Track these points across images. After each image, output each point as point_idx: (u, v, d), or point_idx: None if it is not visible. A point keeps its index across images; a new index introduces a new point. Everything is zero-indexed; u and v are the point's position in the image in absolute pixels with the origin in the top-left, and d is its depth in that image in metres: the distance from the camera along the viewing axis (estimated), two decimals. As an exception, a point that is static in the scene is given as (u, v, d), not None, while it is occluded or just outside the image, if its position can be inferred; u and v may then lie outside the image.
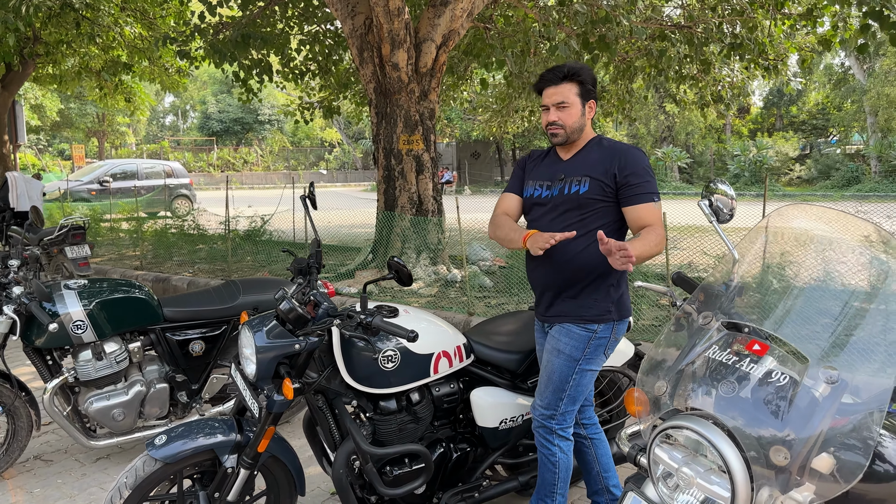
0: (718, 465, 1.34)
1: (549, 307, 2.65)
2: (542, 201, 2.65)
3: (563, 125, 2.56)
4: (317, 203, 2.82)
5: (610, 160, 2.52)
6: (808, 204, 1.59)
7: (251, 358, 2.48)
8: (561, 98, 2.54)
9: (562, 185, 2.58)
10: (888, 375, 1.38)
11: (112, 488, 2.46)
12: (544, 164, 2.74)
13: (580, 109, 2.57)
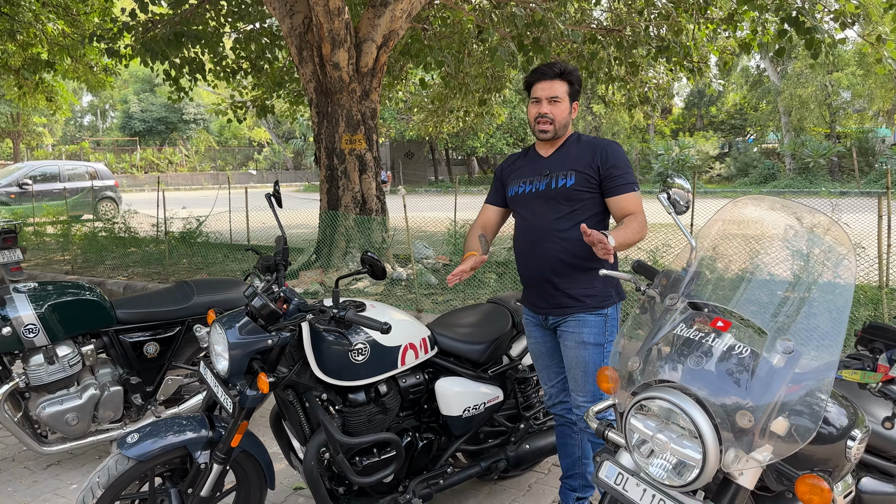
0: (690, 431, 1.49)
1: (550, 300, 2.72)
2: (530, 195, 2.76)
3: (554, 119, 2.67)
4: (282, 201, 2.87)
5: (592, 154, 2.66)
6: (762, 196, 1.77)
7: (223, 354, 2.52)
8: (554, 93, 2.66)
9: (548, 180, 2.70)
10: (833, 349, 1.55)
11: (84, 488, 2.45)
12: (525, 163, 2.85)
13: (568, 106, 2.70)
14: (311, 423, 2.76)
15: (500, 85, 13.22)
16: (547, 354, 2.88)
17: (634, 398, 1.60)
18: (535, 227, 2.72)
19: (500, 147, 33.04)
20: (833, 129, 33.84)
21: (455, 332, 3.09)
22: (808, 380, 1.49)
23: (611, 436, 1.87)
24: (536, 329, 2.88)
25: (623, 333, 1.80)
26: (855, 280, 1.55)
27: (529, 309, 2.87)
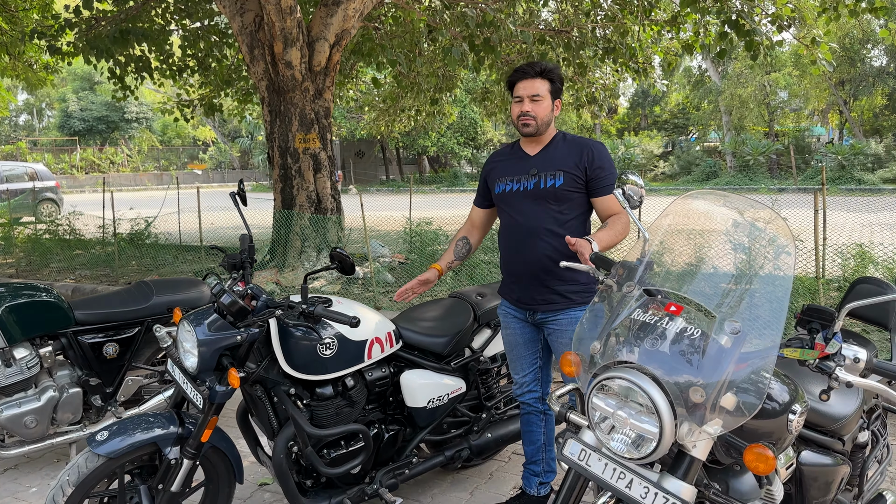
0: (647, 407, 1.61)
1: (537, 296, 2.81)
2: (518, 194, 2.82)
3: (535, 116, 2.74)
4: (247, 199, 2.91)
5: (578, 154, 2.75)
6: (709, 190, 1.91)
7: (192, 351, 2.55)
8: (535, 91, 2.72)
9: (536, 180, 2.77)
10: (775, 332, 1.70)
11: (54, 486, 2.46)
12: (511, 160, 2.92)
13: (550, 104, 2.77)
14: (279, 417, 2.81)
15: (452, 84, 13.36)
16: (523, 346, 2.96)
17: (596, 379, 1.72)
18: (524, 225, 2.80)
19: (450, 146, 33.18)
20: (771, 127, 35.04)
21: (419, 326, 3.18)
22: (753, 359, 1.63)
23: (572, 417, 1.99)
24: (514, 321, 2.96)
25: (584, 320, 1.92)
26: (794, 269, 1.70)
27: (513, 304, 2.94)
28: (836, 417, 2.24)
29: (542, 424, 3.01)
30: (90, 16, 9.50)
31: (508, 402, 3.54)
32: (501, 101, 13.98)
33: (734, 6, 8.45)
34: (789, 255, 1.72)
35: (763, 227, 1.83)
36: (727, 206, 1.90)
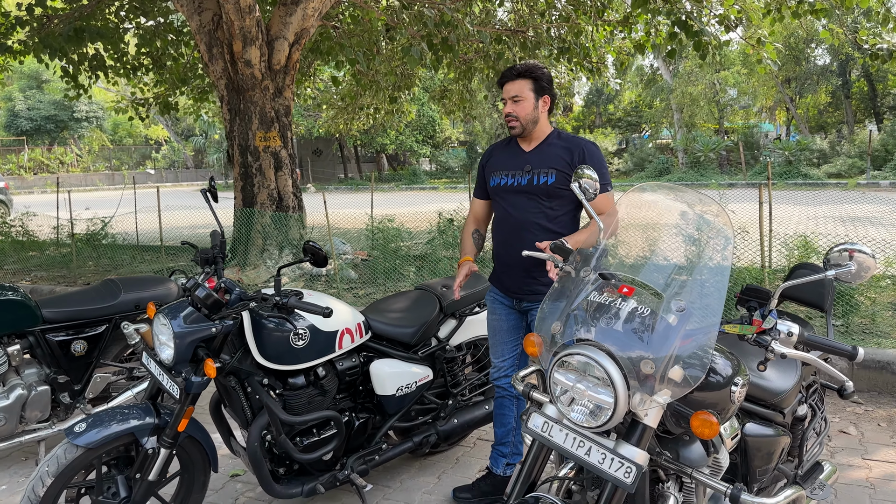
0: (603, 380, 1.76)
1: (525, 287, 2.95)
2: (512, 188, 2.95)
3: (518, 116, 2.88)
4: (217, 196, 2.99)
5: (571, 153, 2.87)
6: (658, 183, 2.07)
7: (168, 343, 2.63)
8: (515, 92, 2.86)
9: (530, 176, 2.89)
10: (716, 311, 1.87)
11: (32, 477, 2.51)
12: (507, 155, 3.03)
13: (533, 103, 2.88)
14: (252, 407, 2.90)
15: (410, 83, 13.46)
16: (506, 331, 3.10)
17: (557, 355, 1.86)
18: (516, 219, 2.93)
19: (409, 144, 33.26)
20: (721, 124, 35.96)
21: (387, 317, 3.30)
22: (697, 335, 1.79)
23: (534, 395, 2.13)
24: (501, 307, 3.10)
25: (544, 304, 2.06)
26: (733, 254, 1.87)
27: (502, 292, 3.08)
28: (777, 392, 2.43)
29: (515, 409, 3.15)
30: (42, 13, 9.34)
31: (473, 388, 3.68)
32: (460, 99, 14.12)
33: (683, 7, 8.74)
34: (729, 241, 1.89)
35: (703, 215, 2.00)
36: (673, 198, 2.07)
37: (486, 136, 37.20)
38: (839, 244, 1.90)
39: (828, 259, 1.92)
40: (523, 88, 2.87)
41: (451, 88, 14.03)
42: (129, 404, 2.78)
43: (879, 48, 8.56)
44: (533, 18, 10.95)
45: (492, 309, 3.16)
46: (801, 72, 34.24)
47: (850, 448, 3.72)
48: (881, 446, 3.73)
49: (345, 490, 3.38)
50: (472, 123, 35.22)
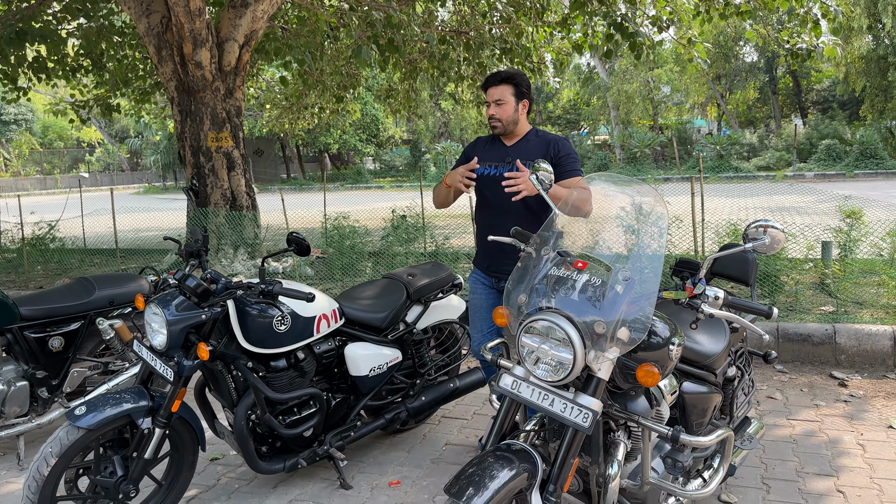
0: (563, 340, 2.06)
1: (503, 267, 3.25)
2: (495, 178, 3.24)
3: (500, 118, 3.21)
4: (199, 194, 3.19)
5: (547, 147, 3.21)
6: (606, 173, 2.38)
7: (161, 330, 2.83)
8: (498, 96, 3.19)
9: (510, 167, 3.17)
10: (655, 282, 2.20)
11: (36, 458, 2.68)
12: (491, 148, 3.35)
13: (514, 106, 3.21)
14: (238, 389, 3.12)
15: (356, 82, 13.65)
16: (485, 309, 3.41)
17: (524, 322, 2.16)
18: (498, 205, 3.25)
19: (353, 143, 33.28)
20: (656, 121, 37.13)
21: (359, 304, 3.56)
22: (639, 301, 2.12)
23: (501, 362, 2.43)
24: (482, 287, 3.42)
25: (510, 281, 2.36)
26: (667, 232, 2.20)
27: (483, 272, 3.41)
28: (709, 354, 2.79)
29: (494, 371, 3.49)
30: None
31: (438, 369, 3.96)
32: (405, 98, 14.36)
33: (619, 10, 9.21)
34: (664, 219, 2.22)
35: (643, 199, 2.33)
36: (620, 188, 2.40)
37: (430, 134, 37.54)
38: (755, 221, 2.25)
39: (746, 234, 2.27)
40: (505, 93, 3.21)
41: (397, 88, 14.26)
42: (123, 388, 2.97)
43: (799, 48, 9.19)
44: (475, 19, 11.28)
45: (473, 289, 3.47)
46: (731, 69, 35.68)
47: (776, 411, 4.15)
48: (803, 408, 4.18)
49: (321, 467, 3.62)
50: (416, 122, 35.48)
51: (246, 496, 3.40)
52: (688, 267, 2.45)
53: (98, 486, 2.88)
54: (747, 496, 3.18)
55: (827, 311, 5.29)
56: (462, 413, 4.33)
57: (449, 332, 4.05)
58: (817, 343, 4.81)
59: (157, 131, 35.07)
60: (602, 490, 2.33)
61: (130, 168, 47.58)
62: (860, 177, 22.60)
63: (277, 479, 3.56)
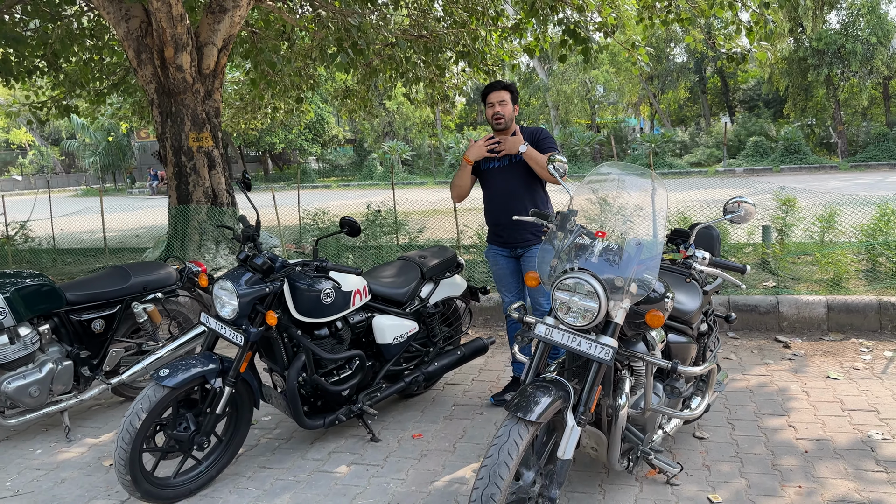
0: (589, 293, 2.62)
1: (518, 237, 4.00)
2: (498, 169, 3.99)
3: (504, 115, 3.92)
4: (251, 186, 3.63)
5: (531, 136, 3.93)
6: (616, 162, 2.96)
7: (231, 302, 3.28)
8: (501, 98, 3.91)
9: (511, 156, 3.93)
10: (658, 246, 2.79)
11: (128, 415, 3.09)
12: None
13: (511, 107, 3.95)
14: (288, 355, 3.59)
15: (315, 84, 14.01)
16: (509, 275, 4.12)
17: (557, 281, 2.72)
18: (506, 190, 3.97)
19: (299, 143, 33.32)
20: (593, 120, 38.44)
21: (382, 282, 4.06)
22: (645, 263, 2.71)
23: (526, 318, 2.99)
24: (501, 258, 4.13)
25: (541, 251, 2.92)
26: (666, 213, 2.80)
27: (500, 246, 4.10)
28: (688, 311, 3.41)
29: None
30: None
31: (446, 339, 4.50)
32: (361, 99, 14.78)
33: (571, 17, 9.90)
34: (664, 200, 2.82)
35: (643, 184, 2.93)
36: (626, 173, 2.99)
37: (374, 133, 37.85)
38: (732, 198, 2.88)
39: (725, 208, 2.89)
40: (506, 97, 3.94)
41: (355, 89, 14.67)
42: (194, 354, 3.40)
43: (734, 52, 10.06)
44: (427, 22, 11.80)
45: (494, 262, 4.16)
46: (663, 69, 37.20)
47: (732, 368, 4.84)
48: (755, 365, 4.88)
49: (349, 426, 4.11)
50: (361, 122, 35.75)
51: (288, 452, 3.86)
52: (680, 234, 3.07)
53: (173, 440, 3.31)
54: (716, 433, 3.83)
55: (769, 285, 6.05)
56: (462, 380, 4.88)
57: (454, 308, 4.59)
58: (763, 313, 5.55)
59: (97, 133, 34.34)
60: (613, 418, 2.92)
61: (64, 170, 46.25)
62: (786, 171, 24.13)
63: (313, 436, 4.03)
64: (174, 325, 4.84)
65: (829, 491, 3.17)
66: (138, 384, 4.71)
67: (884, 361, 4.78)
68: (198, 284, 4.09)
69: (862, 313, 5.35)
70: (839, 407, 4.08)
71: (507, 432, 2.47)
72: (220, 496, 3.41)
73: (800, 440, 3.69)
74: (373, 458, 3.73)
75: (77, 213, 10.13)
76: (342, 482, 3.49)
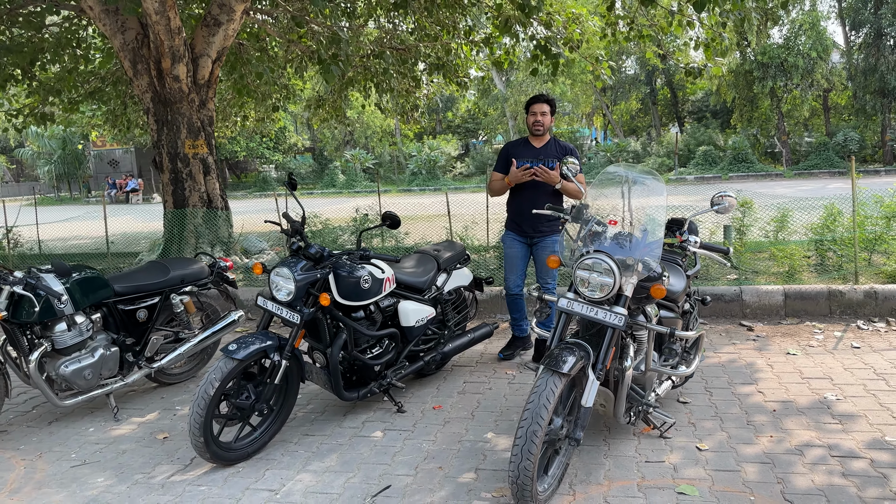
0: (605, 270, 3.18)
1: (534, 227, 4.79)
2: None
3: (543, 124, 4.66)
4: (296, 186, 4.10)
5: (564, 150, 4.61)
6: (623, 163, 3.54)
7: (288, 286, 3.76)
8: (543, 110, 4.64)
9: (541, 161, 4.59)
10: (660, 231, 3.39)
11: (203, 384, 3.53)
12: (525, 149, 4.76)
13: (551, 118, 4.65)
14: (330, 333, 4.07)
15: (291, 93, 14.42)
16: (520, 259, 4.85)
17: (578, 261, 3.29)
18: (531, 188, 4.66)
19: (260, 151, 33.42)
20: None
21: (405, 272, 4.57)
22: (650, 247, 3.30)
23: (545, 296, 3.56)
24: (517, 243, 4.87)
25: (561, 239, 3.49)
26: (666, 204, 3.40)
27: (518, 234, 4.86)
28: (675, 291, 4.02)
29: (523, 302, 4.99)
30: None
31: (457, 323, 5.02)
32: (333, 108, 15.21)
33: (541, 33, 10.57)
34: (664, 192, 3.42)
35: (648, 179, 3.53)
36: (631, 172, 3.58)
37: (335, 142, 38.15)
38: (718, 192, 3.50)
39: (712, 201, 3.51)
40: (546, 109, 4.70)
41: (328, 98, 15.10)
42: (252, 332, 3.85)
43: (692, 66, 10.86)
44: (400, 36, 12.34)
45: (510, 244, 4.90)
46: (616, 81, 38.46)
47: (705, 348, 5.49)
48: (724, 345, 5.54)
49: (375, 401, 4.60)
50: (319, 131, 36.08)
51: (325, 422, 4.34)
52: (676, 223, 3.68)
53: (235, 408, 3.76)
54: (697, 398, 4.45)
55: (731, 278, 6.75)
56: (467, 363, 5.40)
57: (462, 296, 5.12)
58: (728, 301, 6.23)
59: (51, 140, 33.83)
60: (619, 378, 3.49)
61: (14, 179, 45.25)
62: (734, 178, 25.37)
63: (345, 409, 4.52)
64: (204, 316, 5.26)
65: (795, 439, 3.80)
66: (171, 370, 5.12)
67: (834, 339, 5.49)
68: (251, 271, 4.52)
69: (814, 300, 6.07)
70: (799, 376, 4.75)
71: (544, 382, 3.02)
72: (273, 458, 3.87)
73: (768, 402, 4.33)
74: (402, 425, 4.24)
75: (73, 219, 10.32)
76: (380, 444, 3.99)
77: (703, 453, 3.69)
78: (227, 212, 9.04)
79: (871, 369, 4.78)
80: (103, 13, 8.41)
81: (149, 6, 7.78)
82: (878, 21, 26.75)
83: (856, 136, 27.80)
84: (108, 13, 8.41)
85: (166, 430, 4.38)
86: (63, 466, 3.92)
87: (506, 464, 3.63)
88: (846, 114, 32.64)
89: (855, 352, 5.18)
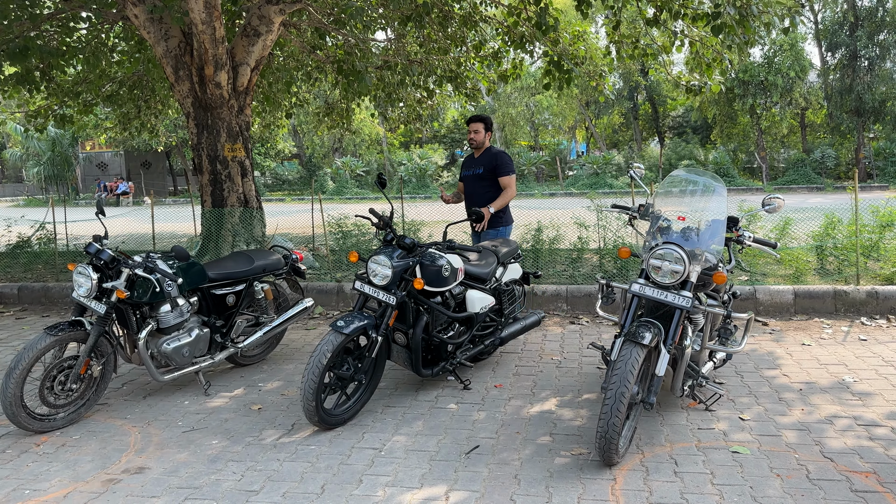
0: (676, 259, 3.73)
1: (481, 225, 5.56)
2: (470, 177, 6.01)
3: (476, 140, 5.75)
4: (386, 184, 4.61)
5: (494, 158, 5.63)
6: (686, 168, 4.10)
7: (386, 272, 4.26)
8: (477, 128, 5.71)
9: (476, 169, 5.64)
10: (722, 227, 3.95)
11: (315, 354, 4.01)
12: (471, 161, 5.96)
13: (484, 134, 5.70)
14: (413, 316, 4.58)
15: (303, 101, 14.89)
16: None
17: (651, 251, 3.84)
18: (474, 192, 5.69)
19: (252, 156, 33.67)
20: (536, 142, 40.26)
21: (472, 265, 5.09)
22: (713, 240, 3.86)
23: (613, 284, 4.11)
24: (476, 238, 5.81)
25: (639, 232, 4.04)
26: (727, 204, 3.97)
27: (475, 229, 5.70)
28: (719, 283, 4.59)
29: None
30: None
31: (510, 312, 5.55)
32: (340, 116, 15.69)
33: (556, 50, 11.20)
34: (724, 194, 3.99)
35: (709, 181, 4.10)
36: (695, 175, 4.15)
37: (324, 149, 38.56)
38: (768, 195, 4.08)
39: (763, 202, 4.09)
40: (480, 127, 5.66)
41: (339, 106, 15.58)
42: (352, 313, 4.34)
43: (692, 84, 11.55)
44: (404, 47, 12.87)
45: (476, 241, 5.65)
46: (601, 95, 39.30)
47: (725, 340, 6.06)
48: (742, 337, 6.12)
49: (440, 379, 5.10)
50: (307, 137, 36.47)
51: (401, 397, 4.83)
52: (731, 220, 4.30)
53: (337, 378, 4.24)
54: (730, 380, 5.02)
55: (744, 279, 7.37)
56: (513, 350, 5.93)
57: (509, 291, 5.64)
58: (744, 299, 6.84)
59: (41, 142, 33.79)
60: (679, 355, 4.04)
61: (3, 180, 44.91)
62: (717, 193, 26.19)
63: (416, 386, 5.01)
64: (276, 303, 5.72)
65: (823, 411, 4.38)
66: (247, 352, 5.57)
67: (842, 333, 6.12)
68: (347, 260, 5.04)
69: (821, 299, 6.71)
70: (816, 362, 5.35)
71: (629, 352, 3.56)
72: (366, 423, 4.36)
73: (793, 383, 4.92)
74: (472, 400, 4.75)
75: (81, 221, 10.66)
76: (457, 414, 4.50)
77: (746, 422, 4.25)
78: (261, 212, 9.48)
79: (879, 357, 5.40)
80: (148, 21, 8.84)
81: (196, 17, 8.24)
82: (853, 43, 27.95)
83: (832, 154, 28.92)
84: (153, 22, 8.84)
85: (258, 402, 4.85)
86: (175, 432, 4.37)
87: (576, 431, 4.17)
88: (822, 132, 33.87)
89: (863, 343, 5.80)
